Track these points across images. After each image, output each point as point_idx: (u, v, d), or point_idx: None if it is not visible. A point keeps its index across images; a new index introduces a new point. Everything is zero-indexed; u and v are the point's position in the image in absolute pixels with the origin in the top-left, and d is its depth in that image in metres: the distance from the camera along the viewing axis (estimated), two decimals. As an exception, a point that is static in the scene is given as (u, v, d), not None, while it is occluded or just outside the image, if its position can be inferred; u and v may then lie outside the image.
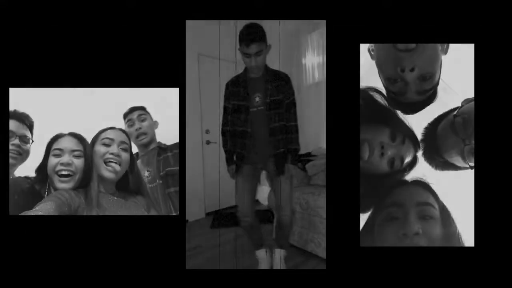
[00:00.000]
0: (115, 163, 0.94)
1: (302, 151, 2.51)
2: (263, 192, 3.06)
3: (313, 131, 2.84)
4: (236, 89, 1.49)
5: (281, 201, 1.50)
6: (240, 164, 1.53)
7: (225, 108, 1.55)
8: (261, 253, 1.66)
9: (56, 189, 0.87)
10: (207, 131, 3.07)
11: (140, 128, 1.44)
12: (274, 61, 1.75)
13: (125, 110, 1.49)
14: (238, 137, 1.51)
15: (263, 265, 1.65)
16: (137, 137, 1.44)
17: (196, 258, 2.01)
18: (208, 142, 3.08)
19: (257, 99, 1.46)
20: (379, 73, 0.93)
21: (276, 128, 1.46)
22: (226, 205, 3.16)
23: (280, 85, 1.45)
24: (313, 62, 2.90)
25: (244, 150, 1.50)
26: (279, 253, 1.62)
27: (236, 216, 1.60)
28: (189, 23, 1.27)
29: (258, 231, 1.64)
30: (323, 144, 2.69)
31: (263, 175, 1.70)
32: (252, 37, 1.31)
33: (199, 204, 3.02)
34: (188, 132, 2.81)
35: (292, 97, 1.50)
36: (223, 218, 2.90)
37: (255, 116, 1.47)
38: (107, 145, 0.95)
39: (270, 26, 1.39)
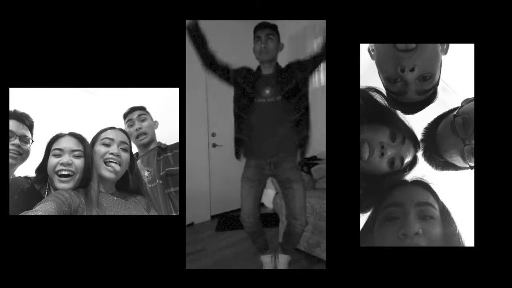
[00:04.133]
0: (115, 163, 0.94)
1: (308, 154, 2.51)
2: (268, 196, 3.06)
3: (319, 134, 2.82)
4: (248, 75, 1.46)
5: (294, 211, 1.46)
6: (240, 150, 1.49)
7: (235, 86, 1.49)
8: (266, 258, 1.64)
9: (56, 189, 0.87)
10: (213, 134, 3.04)
11: (140, 128, 1.44)
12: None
13: (125, 110, 1.49)
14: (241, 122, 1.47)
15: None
16: (137, 137, 1.44)
17: (200, 262, 2.00)
18: (214, 145, 3.06)
19: (267, 91, 1.41)
20: (379, 73, 0.93)
21: (298, 119, 1.40)
22: (232, 208, 3.15)
23: (290, 72, 1.41)
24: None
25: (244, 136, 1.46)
26: (284, 259, 1.61)
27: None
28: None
29: (263, 235, 1.63)
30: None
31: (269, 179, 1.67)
32: (265, 24, 1.39)
33: (204, 206, 3.00)
34: (194, 133, 2.79)
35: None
36: (228, 221, 2.89)
37: (262, 108, 1.41)
38: (107, 145, 0.95)
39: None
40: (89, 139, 0.95)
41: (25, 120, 1.04)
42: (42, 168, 0.90)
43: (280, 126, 1.41)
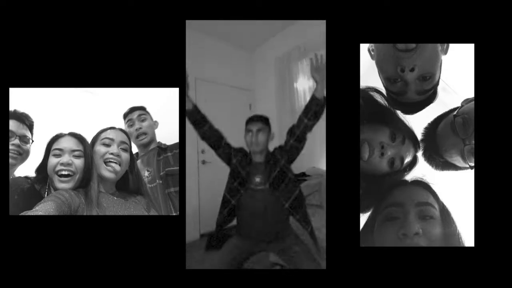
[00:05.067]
0: (115, 163, 0.94)
1: (297, 171, 2.46)
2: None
3: (306, 152, 2.74)
4: (244, 159, 1.43)
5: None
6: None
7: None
8: None
9: (56, 189, 0.87)
10: (203, 151, 2.93)
11: (140, 128, 1.44)
12: (268, 85, 1.63)
13: (125, 110, 1.49)
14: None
15: None
16: (137, 137, 1.44)
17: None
18: (203, 162, 2.97)
19: (257, 179, 1.38)
20: (379, 73, 0.93)
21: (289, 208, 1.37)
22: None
23: (274, 159, 1.39)
24: (305, 87, 2.88)
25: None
26: None
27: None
28: (189, 24, 1.26)
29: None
30: (317, 164, 2.61)
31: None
32: (257, 117, 1.41)
33: (193, 225, 2.81)
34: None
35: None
36: (218, 239, 2.71)
37: (252, 196, 1.37)
38: (107, 145, 0.95)
39: (265, 51, 1.38)
40: (89, 139, 0.95)
41: (25, 120, 1.04)
42: (42, 168, 0.90)
43: (274, 220, 1.36)
